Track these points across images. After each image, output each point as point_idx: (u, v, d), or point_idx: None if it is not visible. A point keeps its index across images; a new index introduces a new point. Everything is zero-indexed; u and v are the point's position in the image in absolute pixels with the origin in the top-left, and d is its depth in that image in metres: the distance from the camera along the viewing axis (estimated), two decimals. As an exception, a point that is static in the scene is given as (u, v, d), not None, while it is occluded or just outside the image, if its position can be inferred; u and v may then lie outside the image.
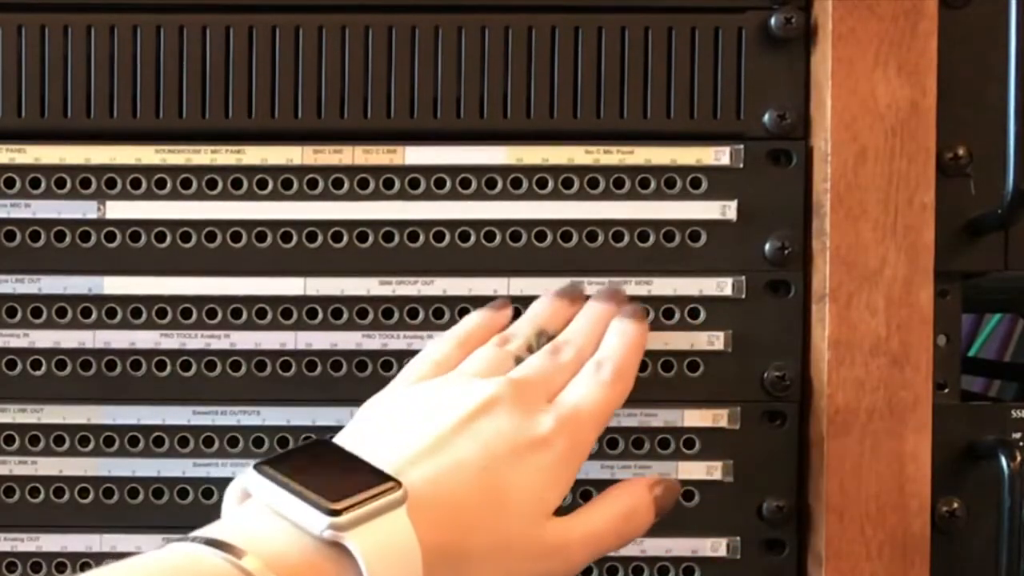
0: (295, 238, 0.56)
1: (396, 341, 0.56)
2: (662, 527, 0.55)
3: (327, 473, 0.42)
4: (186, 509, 0.56)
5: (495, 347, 0.52)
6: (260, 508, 0.42)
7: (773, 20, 0.56)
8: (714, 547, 0.57)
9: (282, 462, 0.43)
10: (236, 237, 0.56)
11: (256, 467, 0.42)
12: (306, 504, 0.40)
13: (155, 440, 0.56)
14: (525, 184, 0.57)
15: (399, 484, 0.42)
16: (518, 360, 0.51)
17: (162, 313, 0.56)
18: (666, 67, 0.57)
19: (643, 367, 0.56)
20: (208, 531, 0.41)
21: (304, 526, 0.40)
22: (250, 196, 0.56)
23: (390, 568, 0.40)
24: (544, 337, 0.53)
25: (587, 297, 0.55)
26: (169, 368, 0.56)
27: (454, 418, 0.46)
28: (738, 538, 0.56)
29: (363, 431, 0.48)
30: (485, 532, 0.44)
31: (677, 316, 0.57)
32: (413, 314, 0.57)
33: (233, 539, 0.39)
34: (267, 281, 0.56)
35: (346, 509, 0.40)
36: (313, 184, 0.56)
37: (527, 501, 0.46)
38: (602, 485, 0.52)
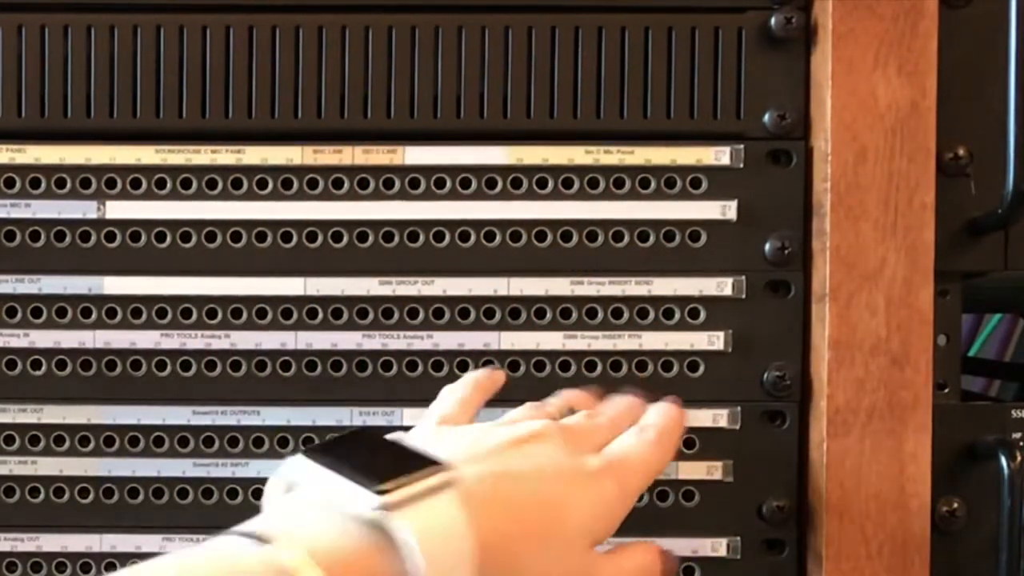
0: (295, 238, 0.56)
1: (396, 341, 0.56)
2: (662, 527, 0.56)
3: (376, 457, 0.41)
4: (186, 509, 0.56)
5: (529, 408, 0.50)
6: (304, 499, 0.41)
7: (773, 20, 0.56)
8: (714, 547, 0.57)
9: (330, 448, 0.42)
10: (236, 237, 0.56)
11: (304, 452, 0.41)
12: (354, 485, 0.39)
13: (155, 440, 0.56)
14: (525, 184, 0.57)
15: (450, 468, 0.40)
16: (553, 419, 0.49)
17: (162, 313, 0.56)
18: (666, 67, 0.57)
19: (643, 367, 0.56)
20: (249, 525, 0.39)
21: (352, 508, 0.39)
22: (250, 196, 0.56)
23: (440, 551, 0.38)
24: (571, 412, 0.51)
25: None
26: (169, 368, 0.56)
27: (505, 439, 0.45)
28: (738, 538, 0.56)
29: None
30: (538, 542, 0.43)
31: (677, 316, 0.57)
32: (413, 314, 0.57)
33: (275, 532, 0.38)
34: (267, 281, 0.56)
35: (396, 488, 0.38)
36: (313, 184, 0.56)
37: (580, 526, 0.44)
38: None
